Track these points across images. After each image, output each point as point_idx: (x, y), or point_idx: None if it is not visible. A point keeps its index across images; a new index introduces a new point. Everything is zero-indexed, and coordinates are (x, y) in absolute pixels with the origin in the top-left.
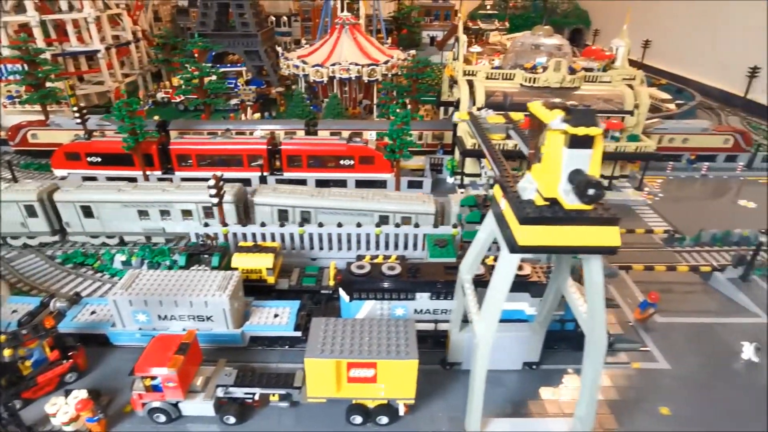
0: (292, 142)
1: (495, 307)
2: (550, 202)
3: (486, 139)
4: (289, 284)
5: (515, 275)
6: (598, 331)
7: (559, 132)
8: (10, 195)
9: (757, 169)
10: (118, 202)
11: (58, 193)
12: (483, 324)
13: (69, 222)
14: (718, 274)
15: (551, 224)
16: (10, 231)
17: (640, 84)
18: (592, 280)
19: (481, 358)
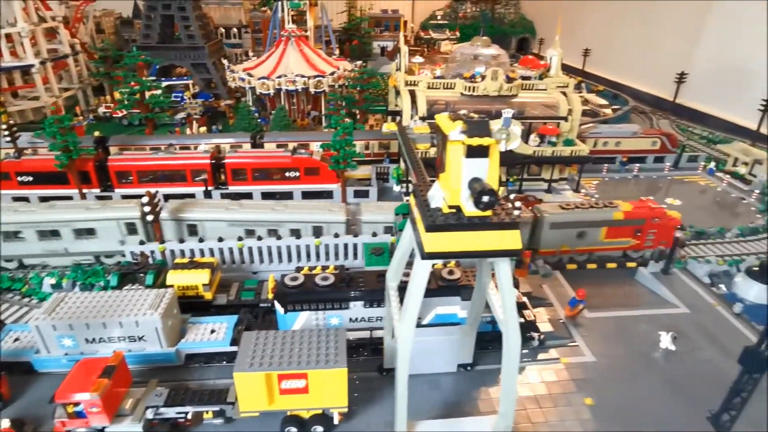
0: (236, 155)
1: (411, 311)
2: (455, 210)
3: (409, 148)
4: (228, 299)
5: (447, 280)
6: (512, 330)
7: (458, 143)
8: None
9: (682, 169)
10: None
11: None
12: (402, 327)
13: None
14: (642, 268)
15: (456, 231)
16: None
17: (572, 91)
18: (501, 282)
19: (402, 361)
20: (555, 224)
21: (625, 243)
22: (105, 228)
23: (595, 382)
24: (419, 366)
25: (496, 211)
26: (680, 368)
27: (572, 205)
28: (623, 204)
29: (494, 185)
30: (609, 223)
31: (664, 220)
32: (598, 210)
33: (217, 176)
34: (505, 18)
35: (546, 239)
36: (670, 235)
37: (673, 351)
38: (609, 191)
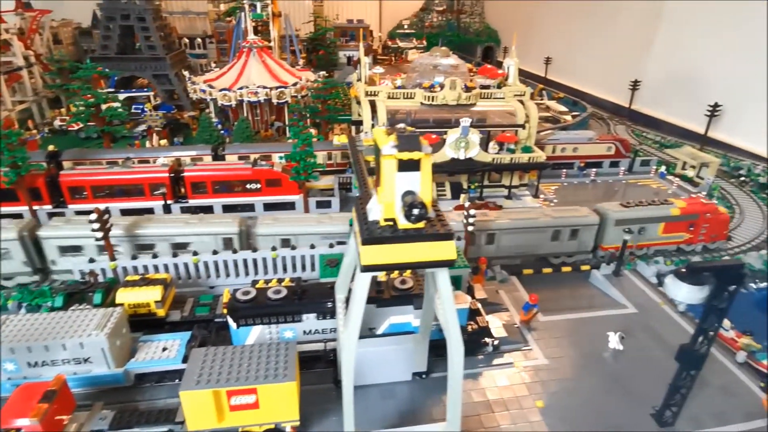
0: (195, 168)
1: (354, 321)
2: (392, 222)
3: (357, 160)
4: (182, 315)
5: (400, 290)
6: (454, 338)
7: (391, 157)
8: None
9: (636, 173)
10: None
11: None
12: (344, 337)
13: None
14: (595, 271)
15: (391, 243)
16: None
17: (529, 99)
18: (440, 291)
19: (347, 372)
20: (619, 221)
21: (680, 237)
22: (202, 243)
23: (546, 384)
24: (374, 376)
25: (432, 223)
26: (627, 367)
27: (633, 203)
28: (678, 201)
29: (427, 198)
30: (667, 219)
31: (715, 215)
32: (657, 207)
33: (177, 190)
34: (470, 27)
35: (609, 236)
36: (722, 229)
37: (621, 350)
38: (569, 195)
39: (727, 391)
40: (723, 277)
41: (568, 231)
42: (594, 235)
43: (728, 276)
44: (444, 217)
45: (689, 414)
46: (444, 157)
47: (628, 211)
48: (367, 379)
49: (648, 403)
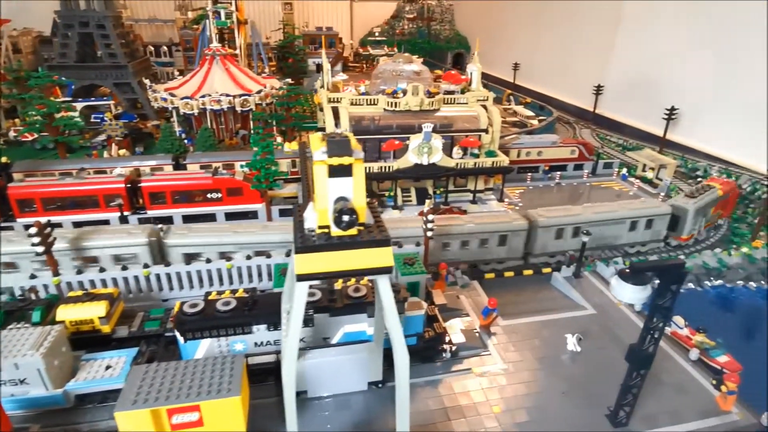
0: (153, 178)
1: (293, 331)
2: (327, 229)
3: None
4: (130, 331)
5: (354, 298)
6: (398, 346)
7: (322, 162)
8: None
9: (599, 175)
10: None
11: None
12: (284, 346)
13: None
14: (557, 273)
15: (325, 251)
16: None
17: (492, 104)
18: (381, 298)
19: (288, 383)
20: (698, 210)
21: (718, 215)
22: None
23: (503, 389)
24: (329, 386)
25: (370, 229)
26: (584, 368)
27: (698, 191)
28: (713, 182)
29: (360, 204)
30: (719, 199)
31: (734, 191)
32: (714, 190)
33: (135, 201)
34: (440, 34)
35: (688, 225)
36: (733, 204)
37: (578, 352)
38: (534, 199)
39: (680, 389)
40: (665, 276)
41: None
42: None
43: (670, 275)
44: (382, 223)
45: (644, 413)
46: (407, 163)
47: (701, 199)
48: (321, 390)
49: (603, 403)
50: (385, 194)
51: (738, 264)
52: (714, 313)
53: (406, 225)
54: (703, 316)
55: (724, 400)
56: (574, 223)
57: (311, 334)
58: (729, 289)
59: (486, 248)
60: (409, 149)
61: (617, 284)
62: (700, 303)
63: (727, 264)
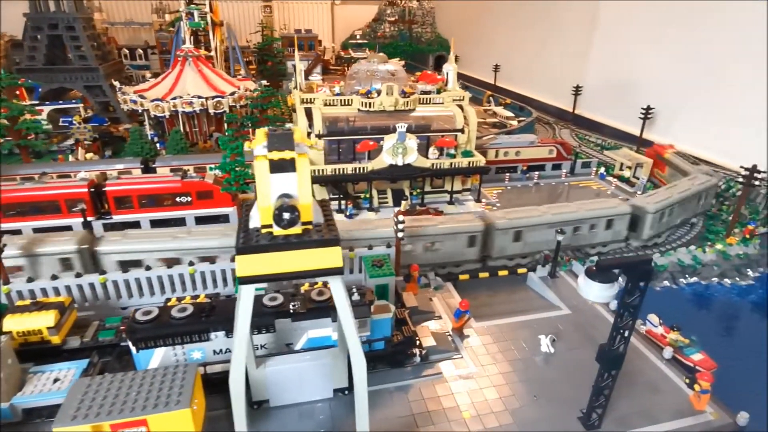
0: (118, 182)
1: (239, 337)
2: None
3: None
4: (82, 341)
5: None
6: (354, 350)
7: (262, 158)
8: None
9: (578, 175)
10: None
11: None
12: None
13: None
14: (532, 274)
15: (269, 251)
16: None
17: (468, 104)
18: (335, 300)
19: (236, 393)
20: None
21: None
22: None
23: (474, 394)
24: (293, 395)
25: (318, 228)
26: (557, 370)
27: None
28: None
29: (305, 201)
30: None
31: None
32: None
33: (99, 206)
34: (422, 37)
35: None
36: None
37: (552, 353)
38: (513, 199)
39: (654, 389)
40: (632, 273)
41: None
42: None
43: (637, 272)
44: (333, 222)
45: (617, 414)
46: (382, 164)
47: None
48: (285, 399)
49: (576, 406)
50: (360, 196)
51: (713, 261)
52: (689, 310)
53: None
54: (678, 313)
55: (697, 400)
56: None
57: (273, 340)
58: (704, 286)
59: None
60: (383, 150)
61: (584, 283)
62: (675, 300)
63: (702, 261)
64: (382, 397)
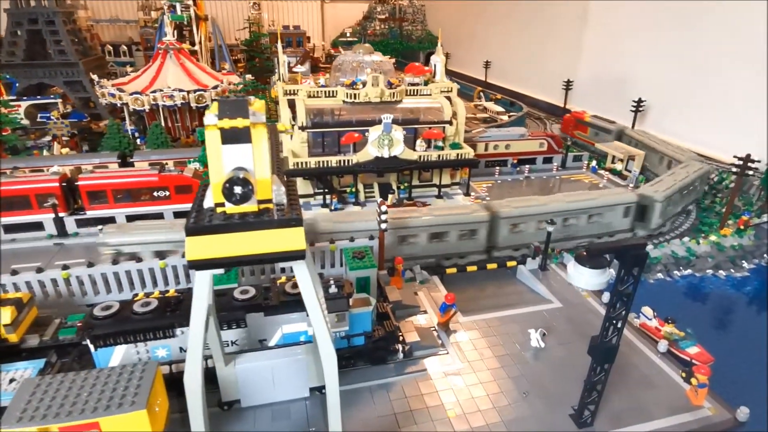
0: (92, 176)
1: (195, 330)
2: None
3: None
4: (41, 339)
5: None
6: (323, 343)
7: (212, 127)
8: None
9: (569, 168)
10: None
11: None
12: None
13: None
14: (522, 267)
15: (222, 232)
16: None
17: (456, 95)
18: (301, 287)
19: (191, 391)
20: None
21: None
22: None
23: (460, 391)
24: (266, 394)
25: (279, 208)
26: (548, 365)
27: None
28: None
29: (263, 175)
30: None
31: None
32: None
33: (73, 201)
34: (413, 34)
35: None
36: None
37: (542, 348)
38: (503, 193)
39: (649, 384)
40: (625, 259)
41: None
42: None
43: (630, 257)
44: (297, 202)
45: (610, 411)
46: (368, 156)
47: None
48: (257, 399)
49: (567, 403)
50: (346, 190)
51: (707, 252)
52: (683, 303)
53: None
54: (672, 306)
55: (695, 394)
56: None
57: (245, 336)
58: (698, 278)
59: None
60: (368, 141)
61: (574, 269)
62: (669, 293)
63: (696, 253)
64: (361, 395)
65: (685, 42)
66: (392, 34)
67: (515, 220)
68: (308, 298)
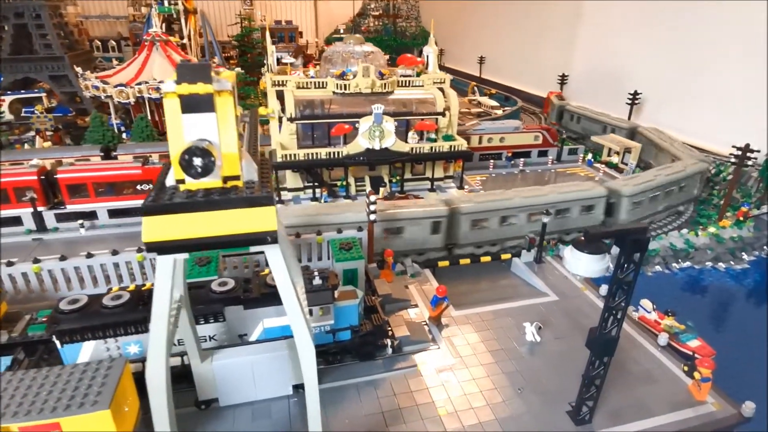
0: (72, 168)
1: (156, 323)
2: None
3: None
4: (9, 336)
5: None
6: (300, 335)
7: (171, 95)
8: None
9: (564, 162)
10: None
11: None
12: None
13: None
14: (517, 259)
15: (182, 211)
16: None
17: (449, 87)
18: (274, 274)
19: (154, 388)
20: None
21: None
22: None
23: (452, 388)
24: (247, 392)
25: (249, 186)
26: (544, 360)
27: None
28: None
29: (229, 149)
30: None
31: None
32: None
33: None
34: (407, 31)
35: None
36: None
37: (537, 342)
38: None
39: (649, 379)
40: (626, 243)
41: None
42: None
43: (631, 242)
44: (268, 180)
45: (609, 408)
46: (358, 148)
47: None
48: (236, 397)
49: (565, 399)
50: (337, 184)
51: (706, 245)
52: (682, 296)
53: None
54: (671, 299)
55: (697, 389)
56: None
57: (224, 331)
58: (697, 270)
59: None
60: (359, 133)
61: (571, 255)
62: (668, 286)
63: (695, 245)
64: (348, 392)
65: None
66: (386, 30)
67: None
68: (282, 286)
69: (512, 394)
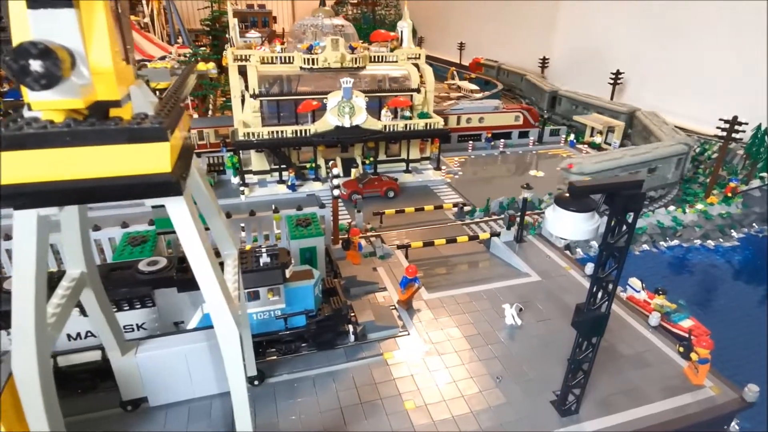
0: None
1: (19, 302)
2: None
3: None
4: None
5: None
6: (220, 319)
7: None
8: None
9: (546, 143)
10: None
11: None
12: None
13: None
14: (496, 239)
15: (37, 147)
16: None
17: (424, 62)
18: (179, 234)
19: (25, 382)
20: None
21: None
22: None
23: (422, 378)
24: (180, 390)
25: (139, 117)
26: (525, 345)
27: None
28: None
29: (103, 62)
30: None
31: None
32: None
33: None
34: (385, 19)
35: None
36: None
37: (518, 326)
38: (474, 168)
39: (641, 362)
40: (617, 201)
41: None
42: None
43: (623, 199)
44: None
45: (598, 395)
46: (327, 126)
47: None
48: (170, 396)
49: (548, 388)
50: (306, 166)
51: (694, 222)
52: (671, 275)
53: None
54: (660, 279)
55: (694, 372)
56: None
57: (155, 318)
58: (685, 248)
59: None
60: (327, 109)
61: (553, 215)
62: (656, 265)
63: (683, 222)
64: (301, 386)
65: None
66: (365, 18)
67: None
68: (190, 249)
69: (490, 383)
